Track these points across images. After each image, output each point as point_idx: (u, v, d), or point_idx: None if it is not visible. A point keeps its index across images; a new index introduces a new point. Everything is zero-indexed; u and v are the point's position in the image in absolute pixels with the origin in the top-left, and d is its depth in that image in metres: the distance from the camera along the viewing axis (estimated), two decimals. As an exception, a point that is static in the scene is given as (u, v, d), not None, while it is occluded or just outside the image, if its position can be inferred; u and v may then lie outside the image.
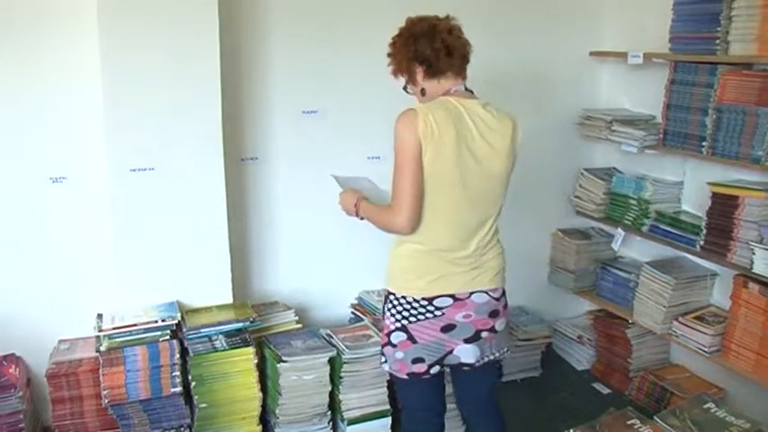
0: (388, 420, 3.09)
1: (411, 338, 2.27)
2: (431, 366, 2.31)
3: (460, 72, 2.28)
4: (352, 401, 3.02)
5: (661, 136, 3.35)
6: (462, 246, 2.25)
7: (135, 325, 2.79)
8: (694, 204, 3.38)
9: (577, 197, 3.88)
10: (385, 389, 3.06)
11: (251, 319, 2.94)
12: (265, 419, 2.97)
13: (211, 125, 2.90)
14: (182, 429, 2.82)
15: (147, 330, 2.79)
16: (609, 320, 3.74)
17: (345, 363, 2.96)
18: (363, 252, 3.50)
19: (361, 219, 2.35)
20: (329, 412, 3.01)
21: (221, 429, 2.86)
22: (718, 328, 3.12)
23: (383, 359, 2.37)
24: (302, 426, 2.96)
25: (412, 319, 2.26)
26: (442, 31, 2.21)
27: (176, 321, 2.84)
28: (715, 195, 3.06)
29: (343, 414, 3.01)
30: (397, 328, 2.29)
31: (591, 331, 3.86)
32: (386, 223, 2.22)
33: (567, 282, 3.87)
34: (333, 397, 3.02)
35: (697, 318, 3.22)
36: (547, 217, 3.92)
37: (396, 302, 2.29)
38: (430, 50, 2.20)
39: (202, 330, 2.86)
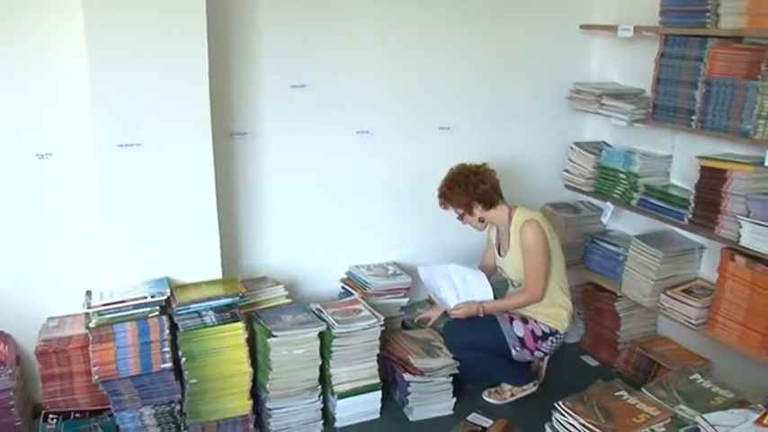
0: (378, 394, 3.14)
1: None
2: None
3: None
4: (342, 375, 3.05)
5: (650, 110, 3.36)
6: None
7: (124, 301, 2.79)
8: (683, 178, 3.40)
9: (567, 171, 3.88)
10: (375, 362, 3.11)
11: (240, 295, 2.95)
12: (256, 394, 3.00)
13: (199, 99, 2.89)
14: (172, 405, 2.85)
15: (136, 306, 2.80)
16: (597, 294, 3.76)
17: (335, 337, 2.98)
18: (353, 226, 3.59)
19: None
20: (319, 386, 3.03)
21: (212, 404, 2.88)
22: (705, 300, 3.16)
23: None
24: (293, 400, 2.98)
25: None
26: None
27: (166, 297, 2.85)
28: (703, 169, 3.08)
29: (334, 388, 3.04)
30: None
31: (580, 304, 3.86)
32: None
33: None
34: (323, 371, 3.04)
35: (684, 291, 3.26)
36: (536, 191, 3.92)
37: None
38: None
39: (192, 306, 2.87)
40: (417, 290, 3.59)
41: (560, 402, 2.50)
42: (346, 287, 3.50)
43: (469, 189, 3.15)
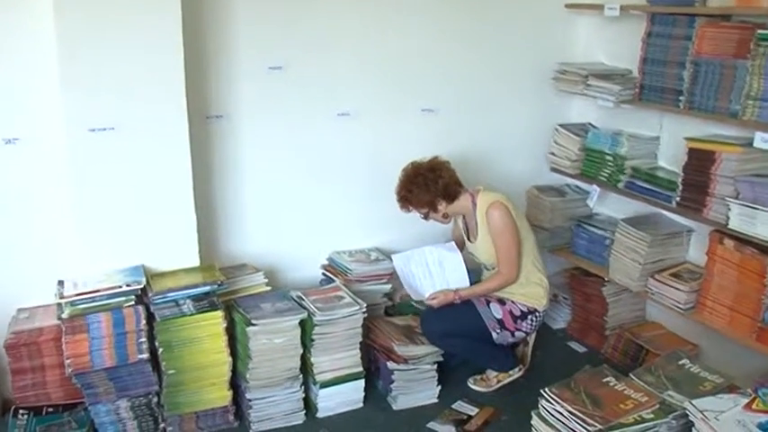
0: (361, 383, 3.14)
1: None
2: None
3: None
4: (324, 364, 3.04)
5: (637, 90, 3.34)
6: None
7: (98, 291, 2.76)
8: (671, 160, 3.38)
9: (552, 154, 3.87)
10: (357, 350, 3.10)
11: (219, 282, 2.93)
12: (236, 384, 2.98)
13: (174, 82, 2.85)
14: (150, 397, 2.82)
15: (110, 296, 2.77)
16: (584, 278, 3.76)
17: (316, 325, 2.96)
18: (334, 211, 3.60)
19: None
20: (301, 375, 3.01)
21: (191, 395, 2.86)
22: (693, 284, 3.15)
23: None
24: (274, 390, 2.97)
25: None
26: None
27: (141, 286, 2.82)
28: (691, 151, 3.05)
29: (316, 377, 3.03)
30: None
31: (566, 290, 3.89)
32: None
33: (542, 240, 3.77)
34: (304, 360, 3.03)
35: (673, 275, 3.25)
36: (521, 174, 3.92)
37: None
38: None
39: (169, 295, 2.84)
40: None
41: (547, 389, 2.51)
42: (327, 274, 3.49)
43: (430, 187, 3.14)
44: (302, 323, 2.98)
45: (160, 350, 2.77)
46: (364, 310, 3.06)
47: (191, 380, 2.85)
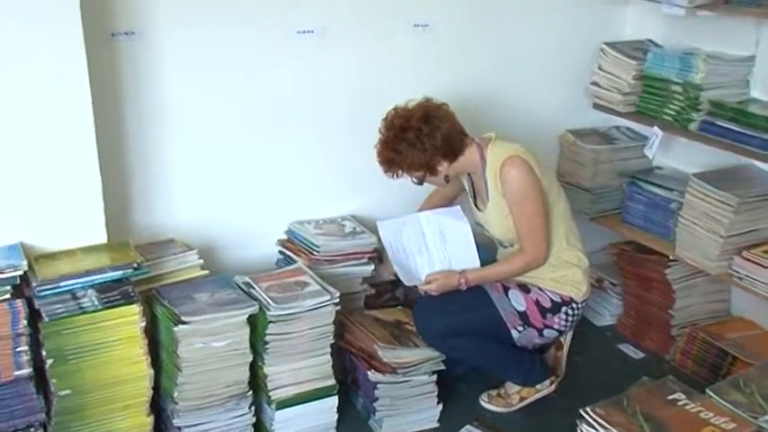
0: (334, 401, 3.13)
1: None
2: None
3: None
4: (282, 377, 3.04)
5: (722, -11, 3.35)
6: None
7: (-45, 281, 2.75)
8: (769, 90, 3.38)
9: (595, 84, 3.89)
10: (328, 357, 3.10)
11: (135, 265, 2.90)
12: (159, 407, 2.98)
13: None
14: (31, 429, 2.74)
15: (-26, 288, 2.75)
16: (641, 257, 3.78)
17: (271, 322, 2.95)
18: (293, 168, 3.61)
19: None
20: (251, 392, 3.01)
21: (94, 425, 2.81)
22: (799, 265, 3.15)
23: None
24: (212, 412, 2.94)
25: None
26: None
27: (20, 273, 2.78)
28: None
29: (271, 394, 3.03)
30: None
31: (615, 273, 3.93)
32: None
33: (580, 204, 3.85)
34: (255, 371, 3.03)
35: (769, 251, 3.25)
36: (550, 114, 3.95)
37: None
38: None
39: (62, 284, 2.78)
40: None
41: (589, 410, 2.47)
42: (286, 251, 3.51)
43: (425, 143, 3.09)
44: (252, 320, 2.95)
45: (49, 362, 2.69)
46: (337, 300, 3.04)
47: (93, 402, 2.78)
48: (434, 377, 3.18)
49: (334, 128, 3.59)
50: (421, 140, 3.07)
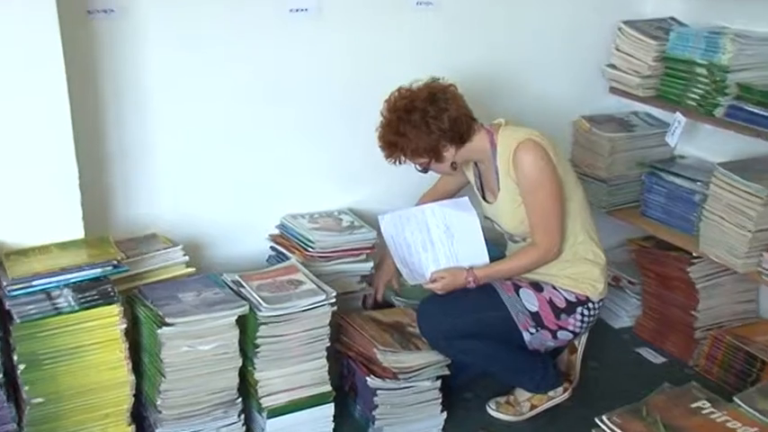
0: (330, 408, 3.13)
1: None
2: None
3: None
4: (274, 383, 3.04)
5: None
6: None
7: None
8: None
9: (612, 66, 3.89)
10: (324, 361, 3.10)
11: (114, 262, 2.88)
12: (141, 416, 2.97)
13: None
14: None
15: (-65, 289, 2.75)
16: (661, 254, 3.78)
17: (263, 324, 2.94)
18: (287, 157, 3.61)
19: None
20: (240, 400, 3.00)
21: None
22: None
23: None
24: (198, 421, 2.93)
25: None
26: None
27: None
28: None
29: (262, 402, 3.03)
30: None
31: (634, 270, 3.94)
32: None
33: (596, 196, 3.86)
34: (245, 377, 3.03)
35: (803, 248, 3.24)
36: (563, 98, 3.96)
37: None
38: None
39: (35, 282, 2.75)
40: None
41: (606, 418, 2.47)
42: (278, 247, 3.50)
43: (431, 126, 3.07)
44: (241, 322, 2.95)
45: (20, 368, 2.67)
46: (333, 300, 3.04)
47: (70, 412, 2.76)
48: (438, 383, 3.18)
49: (331, 113, 3.58)
50: (426, 123, 3.06)
